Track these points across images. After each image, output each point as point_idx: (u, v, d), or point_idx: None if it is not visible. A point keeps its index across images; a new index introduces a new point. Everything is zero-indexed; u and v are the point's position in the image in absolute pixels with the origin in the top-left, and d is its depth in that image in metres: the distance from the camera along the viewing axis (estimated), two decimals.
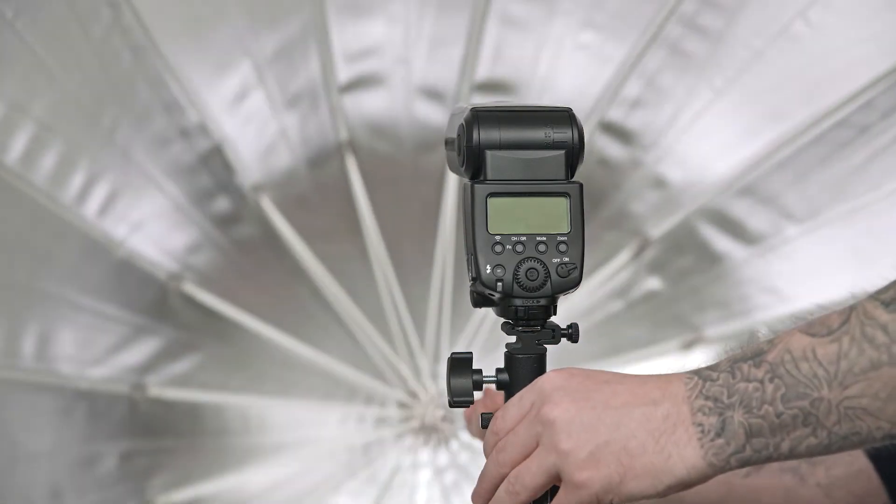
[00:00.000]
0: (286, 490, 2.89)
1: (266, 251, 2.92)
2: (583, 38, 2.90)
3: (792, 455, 1.07)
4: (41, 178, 2.77)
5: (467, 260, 1.20)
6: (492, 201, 1.18)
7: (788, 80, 2.82)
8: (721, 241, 2.90)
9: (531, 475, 1.11)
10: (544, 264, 1.18)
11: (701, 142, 2.89)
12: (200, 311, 2.88)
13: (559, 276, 1.18)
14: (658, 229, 2.93)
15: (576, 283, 1.19)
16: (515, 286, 1.18)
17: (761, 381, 1.06)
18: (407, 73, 2.93)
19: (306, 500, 2.91)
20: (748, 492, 1.54)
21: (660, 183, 2.93)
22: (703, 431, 1.06)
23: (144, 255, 2.85)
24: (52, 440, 2.77)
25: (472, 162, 1.20)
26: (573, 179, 1.20)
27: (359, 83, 2.93)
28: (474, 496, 1.18)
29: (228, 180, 2.89)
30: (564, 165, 1.19)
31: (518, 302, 1.19)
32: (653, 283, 2.95)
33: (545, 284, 1.18)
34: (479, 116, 1.20)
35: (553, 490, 1.13)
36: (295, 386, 2.92)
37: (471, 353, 1.22)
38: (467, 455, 2.89)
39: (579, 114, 2.96)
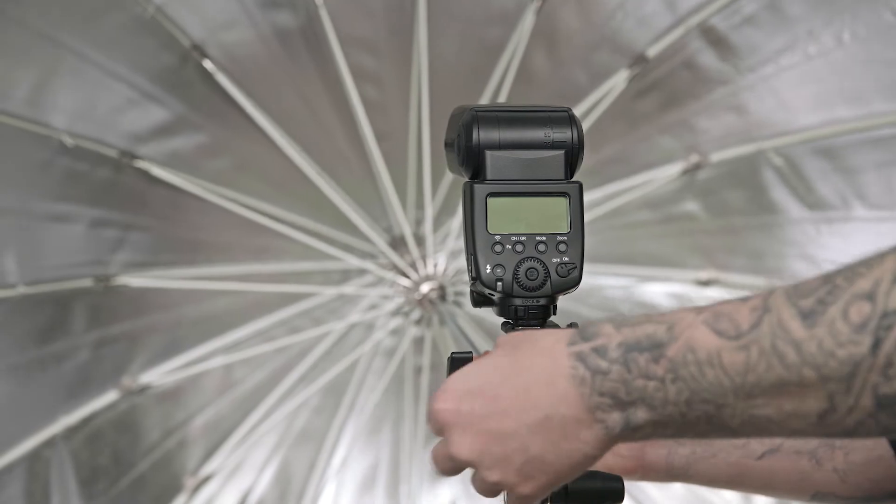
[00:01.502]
0: (246, 298, 2.70)
1: (301, 46, 2.62)
2: None
3: (702, 437, 1.08)
4: None
5: (467, 259, 1.20)
6: (491, 201, 1.19)
7: None
8: (779, 192, 2.68)
9: (482, 490, 1.12)
10: (544, 264, 1.19)
11: (801, 85, 2.62)
12: (214, 93, 2.60)
13: (559, 275, 1.19)
14: (720, 154, 2.69)
15: (575, 283, 1.20)
16: (515, 286, 1.19)
17: (662, 381, 1.02)
18: None
19: (260, 308, 2.72)
20: (762, 473, 1.50)
21: (741, 109, 2.66)
22: (607, 427, 1.05)
23: (173, 17, 2.54)
24: (22, 193, 2.53)
25: (471, 162, 1.20)
26: (573, 179, 1.20)
27: None
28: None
29: None
30: (564, 165, 1.20)
31: (518, 301, 1.20)
32: (692, 206, 2.73)
33: (545, 284, 1.19)
34: (479, 117, 1.20)
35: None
36: (287, 197, 2.68)
37: (471, 352, 1.20)
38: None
39: (680, 7, 2.64)
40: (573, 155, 1.20)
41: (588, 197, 2.69)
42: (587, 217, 2.63)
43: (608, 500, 1.21)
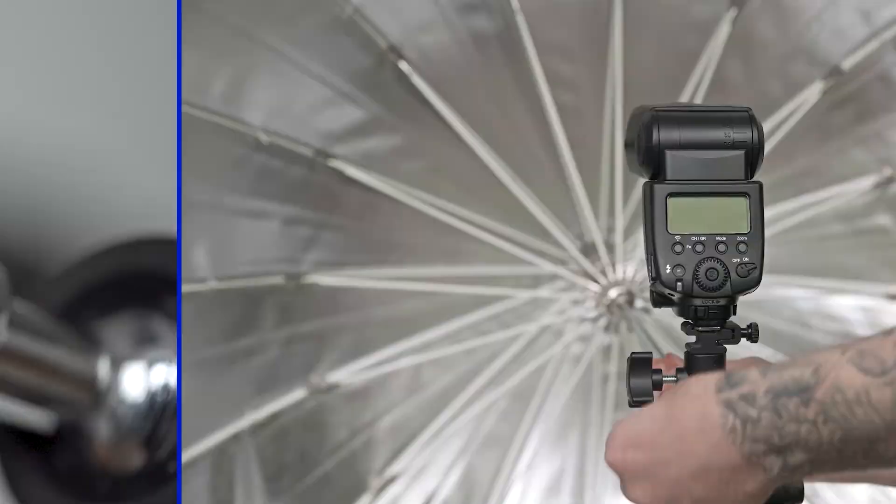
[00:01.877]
0: (436, 300, 2.70)
1: (496, 51, 2.63)
2: None
3: (861, 470, 1.07)
4: None
5: (647, 260, 1.21)
6: (672, 201, 1.19)
7: None
8: None
9: None
10: (724, 264, 1.19)
11: None
12: (409, 94, 2.61)
13: (739, 276, 1.19)
14: None
15: (755, 283, 1.20)
16: (695, 286, 1.19)
17: (814, 423, 1.04)
18: None
19: (450, 311, 2.71)
20: None
21: None
22: (765, 469, 1.07)
23: (371, 18, 2.56)
24: (217, 187, 2.56)
25: (651, 162, 1.21)
26: (753, 179, 1.20)
27: None
28: None
29: None
30: (744, 165, 1.20)
31: (698, 302, 1.20)
32: (885, 219, 2.70)
33: (725, 284, 1.19)
34: (660, 117, 1.20)
35: None
36: (480, 201, 2.68)
37: (650, 353, 1.23)
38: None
39: (876, 20, 2.61)
40: (753, 155, 1.21)
41: (780, 208, 2.67)
42: (779, 228, 2.62)
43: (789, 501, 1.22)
